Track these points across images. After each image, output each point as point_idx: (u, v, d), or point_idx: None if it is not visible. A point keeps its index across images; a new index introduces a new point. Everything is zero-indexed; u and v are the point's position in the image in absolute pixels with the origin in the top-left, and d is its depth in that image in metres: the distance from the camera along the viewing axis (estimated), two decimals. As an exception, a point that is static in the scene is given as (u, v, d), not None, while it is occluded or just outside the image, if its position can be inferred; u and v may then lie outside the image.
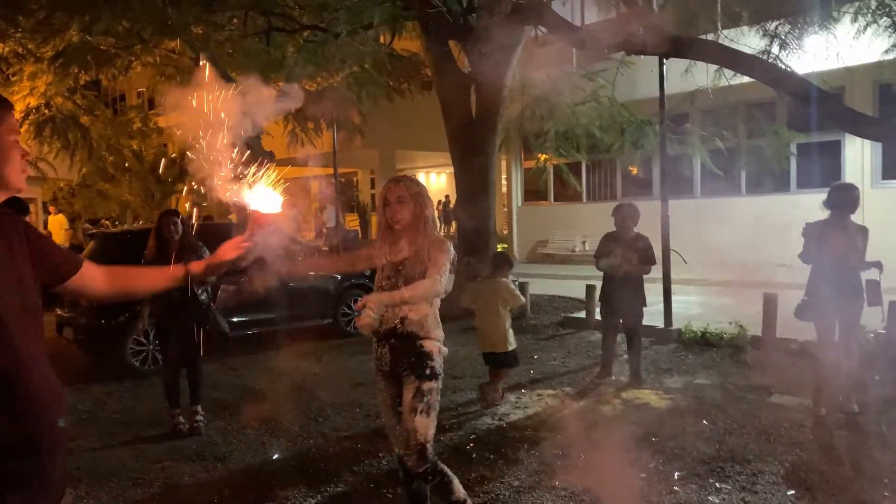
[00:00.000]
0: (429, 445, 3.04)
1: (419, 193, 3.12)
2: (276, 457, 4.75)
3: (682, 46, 6.31)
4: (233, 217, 17.51)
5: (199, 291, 5.39)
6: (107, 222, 20.60)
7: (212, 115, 2.30)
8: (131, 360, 7.24)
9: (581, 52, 12.22)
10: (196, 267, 2.23)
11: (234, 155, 2.38)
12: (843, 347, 5.18)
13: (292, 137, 17.17)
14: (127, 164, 20.02)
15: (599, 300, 6.36)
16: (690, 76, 7.62)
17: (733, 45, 6.47)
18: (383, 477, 4.26)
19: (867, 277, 5.18)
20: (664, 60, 7.95)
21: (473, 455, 4.59)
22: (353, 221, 26.59)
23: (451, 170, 34.05)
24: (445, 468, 3.15)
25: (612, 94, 9.24)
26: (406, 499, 3.25)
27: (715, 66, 7.46)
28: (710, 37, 7.20)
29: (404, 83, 16.00)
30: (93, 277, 2.02)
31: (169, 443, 5.09)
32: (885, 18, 7.18)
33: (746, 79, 7.10)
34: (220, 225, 10.50)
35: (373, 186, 28.09)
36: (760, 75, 5.91)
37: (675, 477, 4.11)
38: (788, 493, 3.84)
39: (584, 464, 4.33)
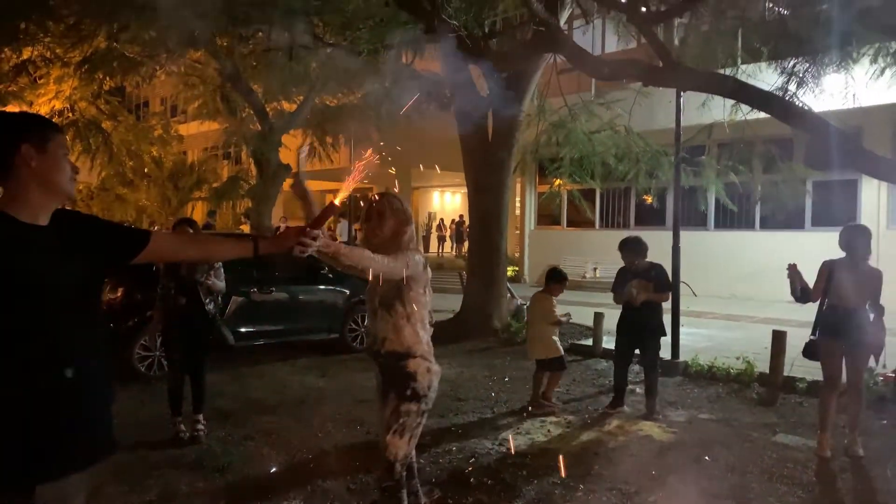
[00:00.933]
0: (398, 465, 3.08)
1: (400, 210, 3.16)
2: (273, 470, 4.73)
3: (693, 80, 6.35)
4: (245, 228, 17.67)
5: (207, 301, 5.42)
6: (123, 226, 20.78)
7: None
8: (137, 366, 7.26)
9: (599, 81, 12.29)
10: (264, 243, 2.32)
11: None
12: (850, 389, 5.13)
13: (309, 151, 17.30)
14: (146, 170, 20.30)
15: (618, 330, 6.27)
16: (707, 109, 7.63)
17: (751, 81, 6.47)
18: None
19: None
20: (681, 92, 7.97)
21: (472, 479, 4.55)
22: (363, 237, 26.72)
23: (465, 190, 34.19)
24: (403, 497, 3.14)
25: (629, 123, 9.25)
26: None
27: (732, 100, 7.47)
28: (730, 71, 7.19)
29: (423, 102, 16.10)
30: (168, 246, 2.36)
31: (169, 450, 5.08)
32: None
33: (762, 114, 7.12)
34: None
35: (388, 203, 28.26)
36: (777, 112, 5.90)
37: (674, 513, 4.06)
38: (789, 537, 3.77)
39: (581, 496, 4.29)
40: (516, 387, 7.01)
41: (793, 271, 5.12)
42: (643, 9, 5.94)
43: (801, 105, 6.33)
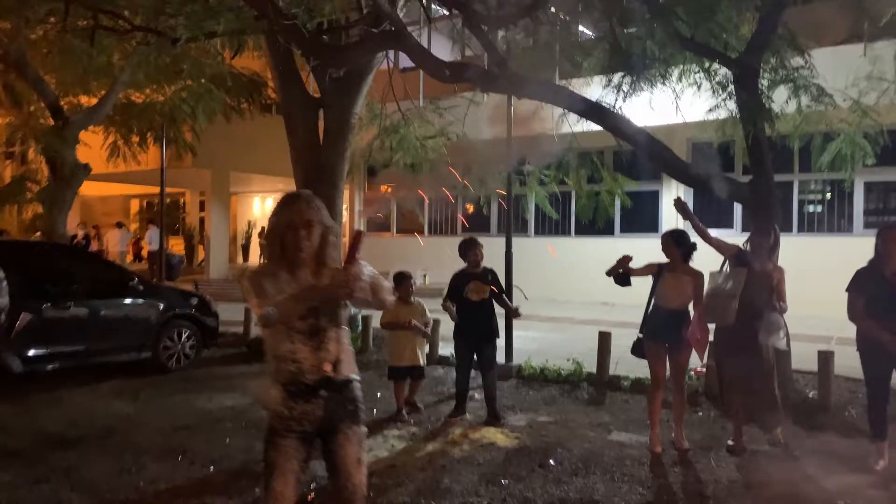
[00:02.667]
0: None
1: (327, 216, 2.71)
2: (76, 518, 4.01)
3: (530, 88, 6.48)
4: (37, 236, 15.59)
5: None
6: None
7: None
8: None
9: (428, 88, 12.31)
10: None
11: None
12: (674, 387, 5.40)
13: (113, 150, 15.57)
14: None
15: (456, 335, 6.14)
16: (538, 119, 7.84)
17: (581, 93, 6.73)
18: (210, 538, 3.71)
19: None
20: (512, 103, 8.13)
21: (315, 506, 4.16)
22: (177, 246, 24.77)
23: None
24: None
25: (463, 131, 9.29)
26: None
27: (559, 112, 7.74)
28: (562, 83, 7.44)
29: (244, 103, 15.19)
30: None
31: (-66, 505, 4.14)
32: (704, 82, 7.83)
33: (587, 128, 7.44)
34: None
35: (202, 209, 26.42)
36: (605, 123, 6.15)
37: (529, 523, 3.96)
38: (638, 536, 3.81)
39: (435, 512, 4.07)
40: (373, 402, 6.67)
41: (624, 259, 5.31)
42: (482, 12, 5.91)
43: (625, 117, 6.69)
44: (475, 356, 6.11)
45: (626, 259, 5.30)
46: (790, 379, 6.70)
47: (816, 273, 10.90)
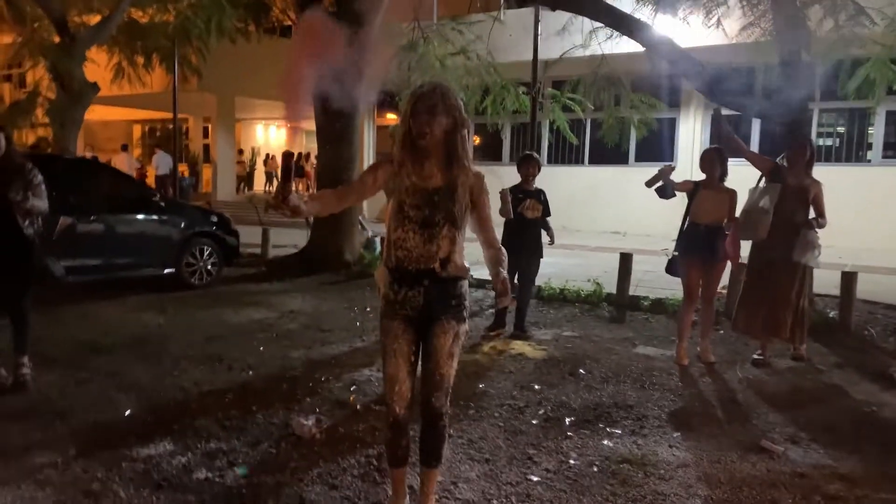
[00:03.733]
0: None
1: (456, 107, 2.59)
2: (128, 413, 4.12)
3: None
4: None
5: (26, 224, 4.51)
6: None
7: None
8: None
9: (444, 7, 12.00)
10: None
11: None
12: (704, 302, 5.48)
13: (117, 72, 15.27)
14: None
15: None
16: (567, 34, 7.67)
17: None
18: (261, 433, 3.84)
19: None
20: (539, 20, 7.95)
21: (358, 406, 4.29)
22: (183, 171, 24.63)
23: (291, 124, 32.72)
24: None
25: (487, 50, 9.08)
26: (424, 450, 2.75)
27: (588, 28, 7.57)
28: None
29: (250, 24, 14.82)
30: None
31: (-13, 400, 4.26)
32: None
33: (615, 50, 7.29)
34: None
35: (206, 135, 26.16)
36: (637, 35, 6.04)
37: (567, 423, 4.09)
38: (675, 435, 3.95)
39: (475, 413, 4.20)
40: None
41: (667, 169, 5.30)
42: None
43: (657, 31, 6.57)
44: (518, 272, 6.14)
45: (668, 169, 5.30)
46: (812, 300, 6.79)
47: (833, 204, 10.85)
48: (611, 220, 14.04)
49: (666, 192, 5.32)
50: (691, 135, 13.63)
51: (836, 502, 3.16)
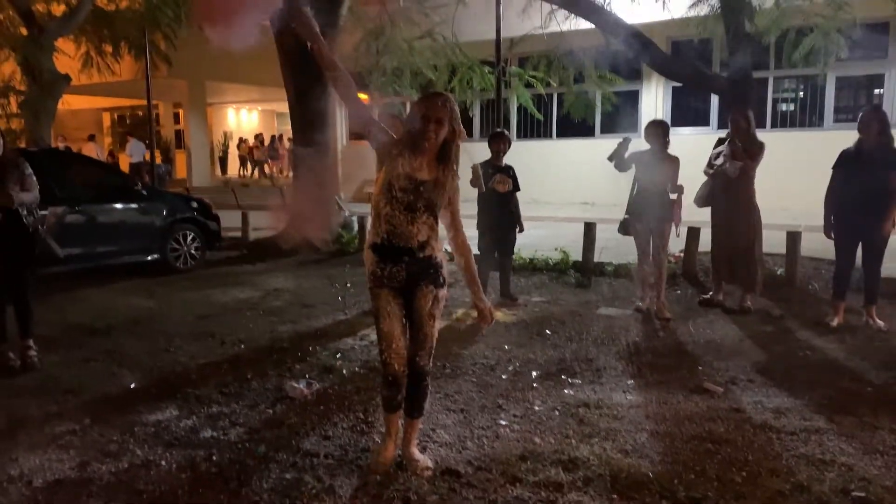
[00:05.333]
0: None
1: (457, 119, 3.02)
2: (133, 385, 4.50)
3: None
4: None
5: (25, 214, 4.83)
6: None
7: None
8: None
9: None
10: None
11: None
12: (655, 261, 5.99)
13: (86, 61, 15.29)
14: None
15: (478, 225, 6.48)
16: (527, 17, 8.03)
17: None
18: (258, 396, 4.24)
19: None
20: (500, 3, 8.29)
21: (344, 371, 4.70)
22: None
23: (262, 107, 32.41)
24: None
25: (452, 31, 9.42)
26: (408, 403, 3.18)
27: (547, 10, 7.93)
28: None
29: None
30: None
31: (1, 380, 4.60)
32: None
33: (573, 26, 7.67)
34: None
35: (177, 121, 26.13)
36: (597, 19, 6.43)
37: (533, 376, 4.55)
38: (628, 383, 4.42)
39: (450, 372, 4.63)
40: (361, 291, 7.16)
41: (624, 141, 5.83)
42: None
43: (611, 12, 6.96)
44: (496, 245, 6.55)
45: (626, 142, 5.80)
46: (761, 259, 7.32)
47: (788, 167, 11.45)
48: (579, 191, 14.51)
49: (623, 166, 5.82)
50: (654, 105, 14.08)
51: (764, 429, 3.65)
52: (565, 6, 6.78)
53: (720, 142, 6.19)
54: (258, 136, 26.01)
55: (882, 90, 12.87)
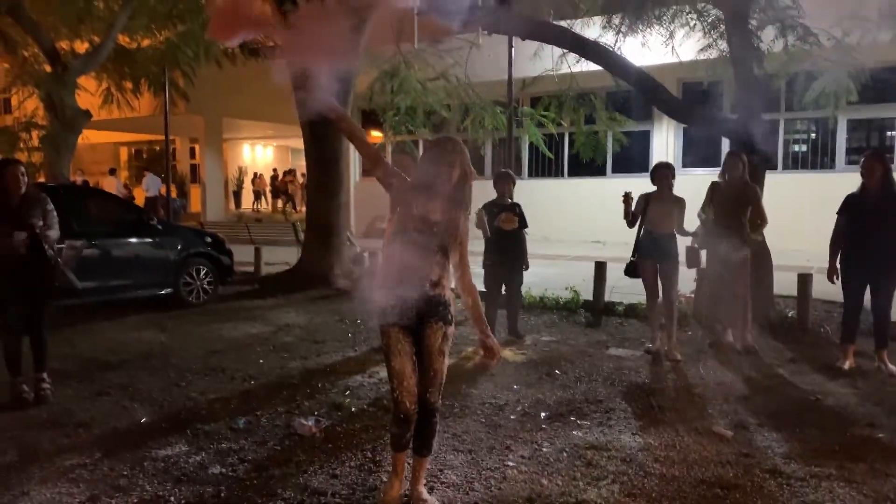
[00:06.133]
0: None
1: (467, 161, 3.15)
2: (144, 420, 4.55)
3: (532, 29, 6.85)
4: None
5: (46, 247, 4.94)
6: None
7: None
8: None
9: (424, 31, 12.53)
10: None
11: None
12: (665, 302, 6.01)
13: (106, 97, 15.70)
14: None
15: (484, 264, 6.57)
16: (538, 59, 8.21)
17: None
18: (265, 433, 4.27)
19: (687, 245, 6.08)
20: (512, 46, 8.49)
21: (353, 409, 4.73)
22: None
23: (277, 142, 32.83)
24: None
25: (465, 72, 9.63)
26: (417, 441, 3.24)
27: (559, 52, 8.11)
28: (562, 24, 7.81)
29: (236, 47, 15.31)
30: None
31: (13, 413, 4.67)
32: (697, 23, 8.20)
33: (584, 68, 7.82)
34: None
35: (193, 156, 26.58)
36: (606, 63, 6.57)
37: (542, 417, 4.56)
38: (638, 425, 4.42)
39: (459, 411, 4.65)
40: (371, 327, 7.22)
41: (626, 199, 5.86)
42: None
43: (621, 56, 7.10)
44: (503, 283, 6.61)
45: (628, 198, 5.87)
46: (772, 301, 7.33)
47: (800, 208, 11.49)
48: (590, 230, 14.58)
49: (636, 221, 5.96)
50: (664, 146, 14.21)
51: (773, 475, 3.64)
52: (574, 50, 6.93)
53: (714, 186, 6.26)
54: (290, 171, 26.39)
55: (894, 132, 12.95)
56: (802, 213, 11.30)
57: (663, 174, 5.99)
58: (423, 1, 6.56)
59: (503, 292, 6.69)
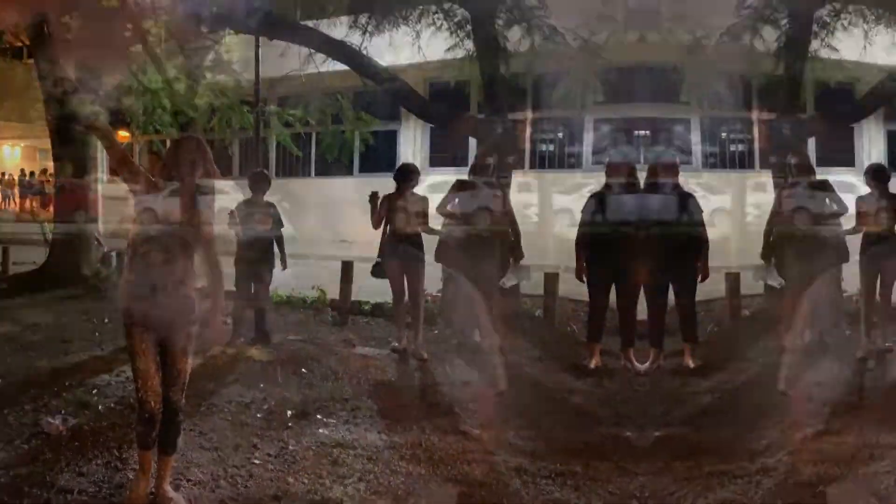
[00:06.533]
0: None
1: (210, 160, 3.37)
2: None
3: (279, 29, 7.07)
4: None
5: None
6: None
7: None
8: None
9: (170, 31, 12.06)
10: None
11: None
12: (412, 302, 6.53)
13: None
14: None
15: (235, 263, 6.56)
16: (285, 59, 8.37)
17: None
18: (12, 432, 4.20)
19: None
20: (259, 45, 8.60)
21: (100, 407, 4.77)
22: None
23: (25, 143, 29.41)
24: None
25: (212, 72, 9.51)
26: (162, 440, 3.34)
27: (306, 52, 8.36)
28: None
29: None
30: None
31: None
32: (443, 23, 8.66)
33: (332, 68, 8.19)
34: None
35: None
36: (349, 61, 6.98)
37: (288, 415, 4.84)
38: (384, 423, 4.81)
39: (206, 409, 4.82)
40: (117, 326, 6.84)
41: (373, 198, 6.29)
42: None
43: (369, 57, 7.56)
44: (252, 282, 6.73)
45: (374, 198, 6.30)
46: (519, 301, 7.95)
47: (546, 208, 12.56)
48: (339, 230, 14.94)
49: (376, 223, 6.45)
50: (412, 146, 15.03)
51: (519, 473, 3.93)
52: (321, 50, 7.28)
53: (459, 184, 6.75)
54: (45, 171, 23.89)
55: (639, 132, 14.55)
56: (548, 214, 12.22)
57: (405, 176, 6.53)
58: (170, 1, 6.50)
59: (252, 291, 6.78)
